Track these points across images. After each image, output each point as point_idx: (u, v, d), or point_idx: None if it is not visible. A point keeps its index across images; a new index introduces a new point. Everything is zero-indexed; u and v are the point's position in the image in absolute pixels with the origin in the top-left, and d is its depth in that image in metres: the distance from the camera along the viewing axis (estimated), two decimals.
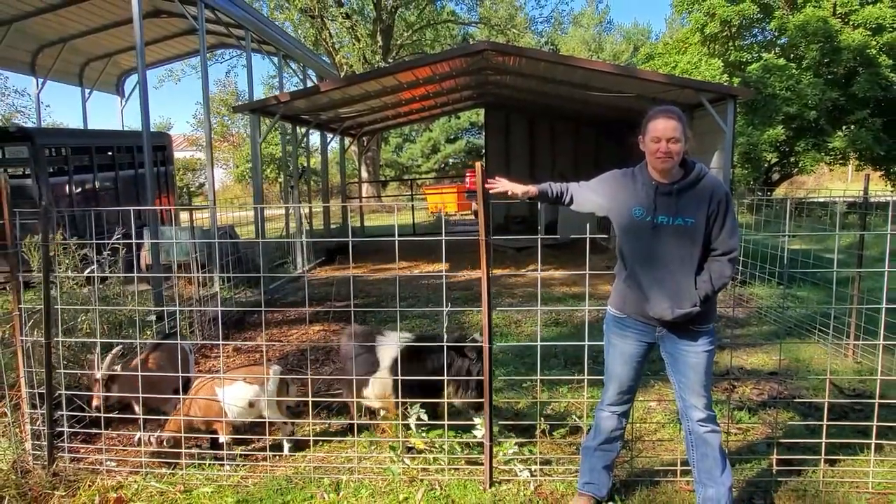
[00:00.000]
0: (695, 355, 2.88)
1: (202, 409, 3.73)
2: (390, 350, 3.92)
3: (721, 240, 2.78)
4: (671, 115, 2.76)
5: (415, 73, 9.40)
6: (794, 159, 19.13)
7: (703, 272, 2.80)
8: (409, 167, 41.30)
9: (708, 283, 2.77)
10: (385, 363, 3.91)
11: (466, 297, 8.74)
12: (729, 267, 2.79)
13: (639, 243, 2.86)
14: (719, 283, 2.79)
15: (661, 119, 2.76)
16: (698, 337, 2.87)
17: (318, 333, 7.23)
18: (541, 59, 8.87)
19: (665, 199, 2.78)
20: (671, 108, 2.80)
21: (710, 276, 2.78)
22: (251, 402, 3.82)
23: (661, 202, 2.78)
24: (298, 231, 11.14)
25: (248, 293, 9.21)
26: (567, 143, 15.68)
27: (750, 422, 4.17)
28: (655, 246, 2.80)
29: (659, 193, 2.78)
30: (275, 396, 3.86)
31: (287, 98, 8.69)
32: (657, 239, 2.80)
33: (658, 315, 2.85)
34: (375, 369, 3.93)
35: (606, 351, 3.10)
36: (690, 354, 2.88)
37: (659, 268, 2.81)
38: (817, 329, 6.07)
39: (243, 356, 6.28)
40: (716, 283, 2.78)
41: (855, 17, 17.76)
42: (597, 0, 47.29)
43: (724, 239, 2.78)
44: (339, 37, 28.09)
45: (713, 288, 2.78)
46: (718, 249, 2.79)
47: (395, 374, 3.79)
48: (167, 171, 14.35)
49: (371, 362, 3.95)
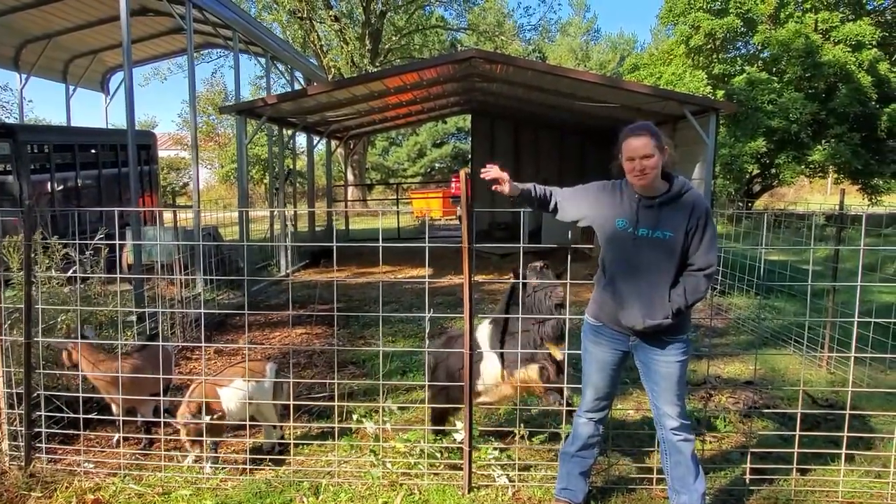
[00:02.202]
0: (666, 365, 2.94)
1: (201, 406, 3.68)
2: (483, 330, 3.84)
3: (698, 255, 2.83)
4: (641, 132, 2.81)
5: (402, 78, 9.44)
6: (774, 171, 19.46)
7: (679, 285, 2.85)
8: (396, 171, 41.32)
9: (682, 296, 2.82)
10: (485, 345, 3.79)
11: (449, 302, 8.78)
12: (704, 282, 2.84)
13: (620, 254, 2.93)
14: (693, 297, 2.84)
15: (632, 138, 2.80)
16: (670, 347, 2.93)
17: (301, 336, 7.23)
18: (528, 68, 8.97)
19: (647, 212, 2.84)
20: (641, 125, 2.86)
21: (685, 289, 2.83)
22: (251, 395, 3.79)
23: (643, 215, 2.84)
24: (282, 234, 11.11)
25: (231, 295, 9.17)
26: (552, 150, 15.81)
27: (725, 431, 4.25)
28: (634, 257, 2.87)
29: (642, 206, 2.85)
30: (271, 394, 3.86)
31: (274, 100, 8.69)
32: (637, 250, 2.86)
33: (629, 324, 2.92)
34: (479, 358, 3.77)
35: (583, 358, 3.16)
36: (662, 364, 2.94)
37: (636, 278, 2.88)
38: (793, 340, 6.19)
39: (225, 359, 6.25)
40: (689, 297, 2.83)
41: (835, 34, 18.13)
42: (584, 9, 47.77)
43: (701, 254, 2.83)
44: (327, 39, 28.08)
45: (686, 302, 2.83)
46: (695, 264, 2.84)
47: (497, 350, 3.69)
48: (151, 170, 14.23)
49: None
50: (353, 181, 26.95)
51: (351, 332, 7.47)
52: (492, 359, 3.74)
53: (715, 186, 16.02)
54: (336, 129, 14.03)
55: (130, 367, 3.90)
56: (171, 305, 6.70)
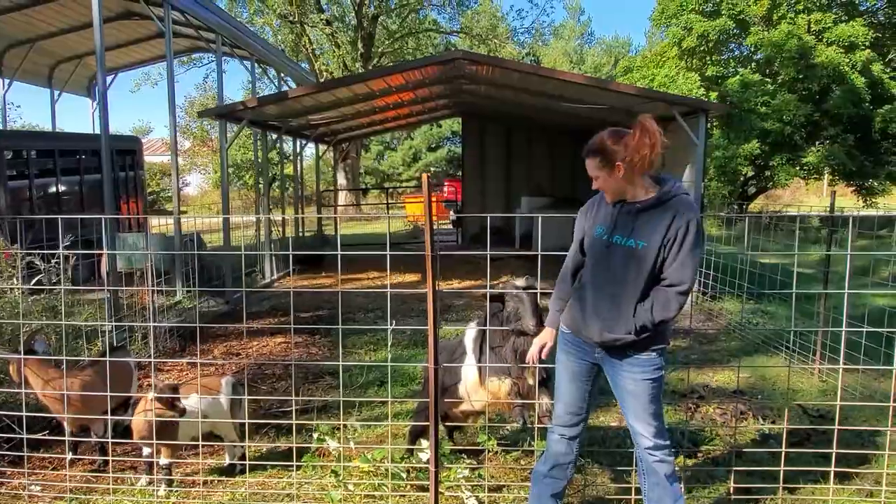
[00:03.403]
0: (633, 382, 2.71)
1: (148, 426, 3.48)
2: (470, 333, 3.60)
3: (672, 269, 2.56)
4: (587, 154, 2.69)
5: (387, 80, 9.26)
6: (769, 173, 19.31)
7: (647, 300, 2.60)
8: (391, 175, 41.14)
9: (648, 312, 2.58)
10: (470, 349, 3.54)
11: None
12: (676, 300, 2.56)
13: (593, 261, 2.75)
14: (661, 315, 2.57)
15: (585, 160, 2.71)
16: (637, 363, 2.69)
17: (280, 346, 7.02)
18: (514, 69, 8.79)
19: (625, 219, 2.64)
20: (589, 146, 2.70)
21: (653, 305, 2.58)
22: (205, 414, 3.60)
23: (620, 221, 2.65)
24: (267, 240, 10.90)
25: (212, 303, 8.95)
26: (543, 153, 15.63)
27: (710, 445, 4.05)
28: (606, 266, 2.68)
29: (621, 212, 2.66)
30: (228, 411, 3.66)
31: (255, 103, 8.50)
32: (608, 259, 2.66)
33: (586, 336, 2.74)
34: (462, 360, 3.54)
35: (556, 369, 2.97)
36: (628, 381, 2.72)
37: (602, 288, 2.68)
38: (784, 346, 6.00)
39: (193, 371, 6.04)
40: (657, 314, 2.57)
41: (828, 35, 18.00)
42: (578, 13, 47.74)
43: (675, 269, 2.55)
44: (319, 43, 27.93)
45: (652, 319, 2.57)
46: (668, 279, 2.58)
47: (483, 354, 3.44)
48: (137, 175, 14.03)
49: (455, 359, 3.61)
50: (346, 185, 26.77)
51: (332, 340, 7.26)
52: (474, 363, 3.53)
53: (707, 189, 15.82)
54: (324, 133, 13.85)
55: (80, 383, 3.69)
56: (145, 315, 6.50)
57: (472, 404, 3.54)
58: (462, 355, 3.56)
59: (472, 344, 3.56)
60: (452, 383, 3.53)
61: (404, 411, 4.77)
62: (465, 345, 3.59)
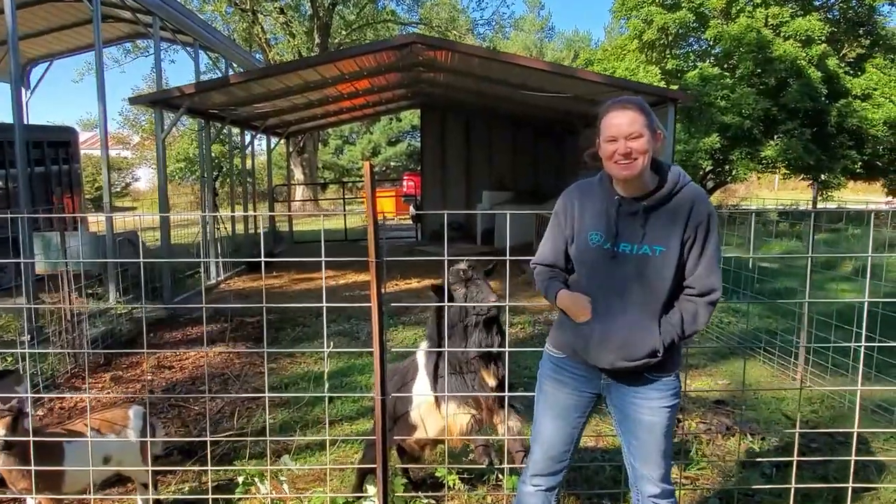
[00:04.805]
0: (649, 412, 2.20)
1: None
2: (422, 348, 3.06)
3: (697, 276, 2.12)
4: (629, 105, 2.08)
5: (338, 66, 8.63)
6: (728, 167, 19.34)
7: (673, 312, 2.15)
8: (350, 170, 40.28)
9: (678, 326, 2.12)
10: (422, 366, 3.01)
11: (394, 311, 8.03)
12: (705, 311, 2.13)
13: (594, 277, 2.18)
14: (691, 328, 2.14)
15: (615, 112, 2.07)
16: (656, 388, 2.19)
17: (219, 356, 6.37)
18: (473, 54, 8.28)
19: (630, 221, 2.12)
20: (629, 98, 2.12)
21: (682, 318, 2.13)
22: (106, 457, 3.00)
23: (624, 224, 2.12)
24: (211, 239, 10.15)
25: (149, 308, 8.20)
26: (505, 145, 15.20)
27: (699, 469, 3.62)
28: (612, 280, 2.15)
29: (622, 213, 2.12)
30: (136, 448, 3.05)
31: (192, 90, 7.76)
32: (616, 272, 2.14)
33: (597, 363, 2.21)
34: (412, 378, 3.03)
35: (537, 402, 2.40)
36: (644, 410, 2.20)
37: (616, 308, 2.15)
38: (763, 348, 5.67)
39: (122, 386, 5.36)
40: (687, 328, 2.13)
41: (785, 29, 18.09)
42: (538, 6, 47.64)
43: (700, 275, 2.11)
44: (273, 33, 26.93)
45: (682, 333, 2.13)
46: (694, 288, 2.13)
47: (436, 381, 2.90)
48: (72, 169, 13.05)
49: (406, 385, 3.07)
50: (303, 180, 25.90)
51: (279, 348, 6.64)
52: (426, 382, 2.99)
53: None
54: (275, 125, 13.10)
55: None
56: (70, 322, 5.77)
57: (428, 432, 3.01)
58: (414, 375, 3.03)
59: (425, 359, 3.00)
60: (405, 410, 2.99)
61: (356, 432, 4.22)
62: (416, 362, 3.05)
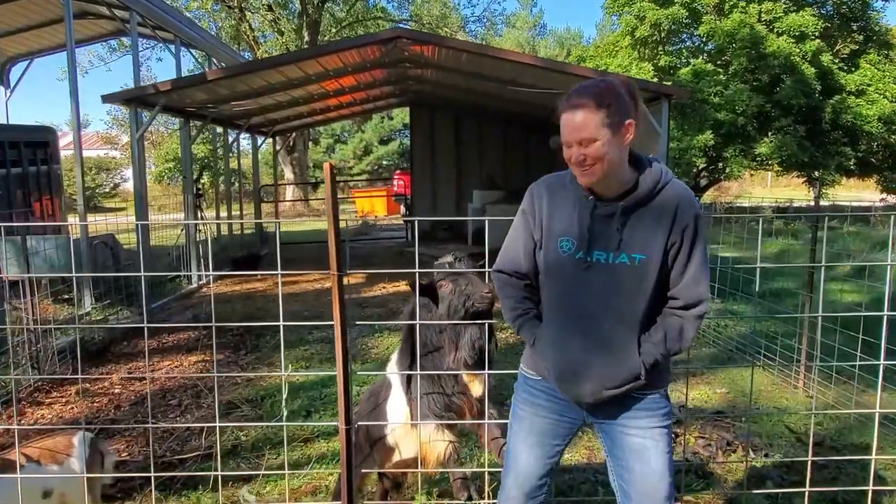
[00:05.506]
0: (640, 434, 1.94)
1: None
2: (394, 358, 2.75)
3: (684, 285, 1.85)
4: (580, 103, 1.75)
5: (322, 62, 8.33)
6: (721, 165, 19.15)
7: (656, 329, 1.89)
8: (341, 169, 39.92)
9: (660, 345, 1.87)
10: (396, 379, 2.70)
11: (380, 315, 7.76)
12: (692, 326, 1.88)
13: (563, 289, 1.91)
14: (676, 346, 1.89)
15: (566, 113, 1.77)
16: (641, 408, 1.94)
17: (196, 365, 6.07)
18: (460, 49, 7.99)
19: (604, 225, 1.83)
20: (584, 88, 1.79)
21: (665, 335, 1.87)
22: (47, 491, 2.71)
23: (598, 229, 1.84)
24: (193, 242, 9.83)
25: (126, 314, 7.89)
26: (496, 142, 14.95)
27: (701, 493, 3.35)
28: (583, 294, 1.88)
29: (597, 216, 1.84)
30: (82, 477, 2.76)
31: (168, 87, 7.45)
32: (587, 284, 1.86)
33: (574, 397, 1.95)
34: (387, 397, 2.72)
35: (510, 427, 2.13)
36: (633, 434, 1.95)
37: (588, 328, 1.88)
38: (763, 354, 5.42)
39: (88, 400, 5.06)
40: (672, 346, 1.88)
41: (779, 25, 17.90)
42: (530, 4, 47.42)
43: (687, 284, 1.85)
44: (261, 30, 26.55)
45: (666, 352, 1.89)
46: (679, 299, 1.87)
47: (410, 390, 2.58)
48: (51, 170, 12.67)
49: (381, 400, 2.76)
50: (293, 180, 25.57)
51: (259, 356, 6.36)
52: (401, 399, 2.70)
53: None
54: (260, 123, 12.78)
55: None
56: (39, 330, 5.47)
57: (404, 457, 2.73)
58: (387, 394, 2.74)
59: (398, 372, 2.69)
60: (380, 433, 2.71)
61: (330, 453, 3.93)
62: (388, 378, 2.77)
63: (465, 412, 2.56)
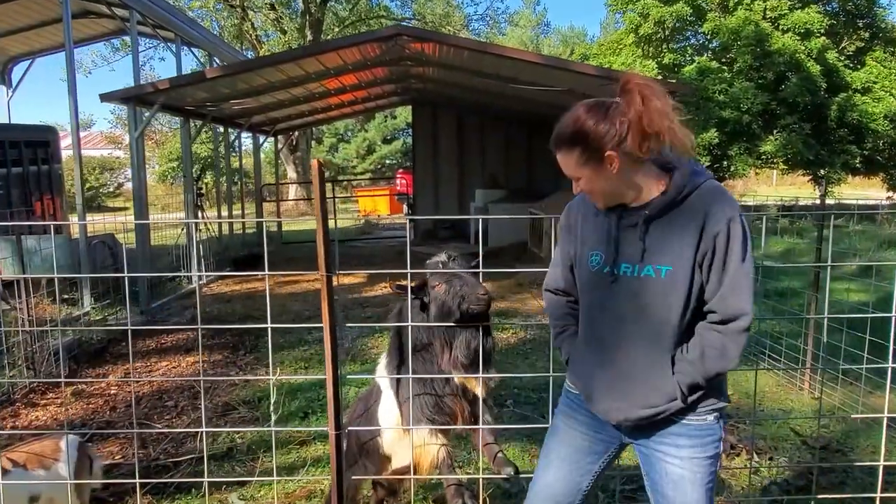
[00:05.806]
0: (679, 464, 1.77)
1: None
2: (382, 362, 2.66)
3: (720, 297, 1.67)
4: (556, 144, 1.72)
5: (321, 60, 8.27)
6: (726, 163, 19.04)
7: (693, 346, 1.72)
8: (344, 168, 39.93)
9: (698, 364, 1.69)
10: (386, 384, 2.61)
11: (381, 315, 7.69)
12: (734, 342, 1.68)
13: (591, 304, 1.84)
14: (716, 366, 1.69)
15: (556, 154, 1.74)
16: (684, 434, 1.76)
17: (193, 365, 6.02)
18: (461, 46, 7.92)
19: (630, 235, 1.73)
20: (557, 131, 1.72)
21: (703, 353, 1.69)
22: (33, 496, 2.66)
23: (625, 240, 1.74)
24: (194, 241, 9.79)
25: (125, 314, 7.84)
26: (498, 141, 14.87)
27: None
28: (612, 311, 1.77)
29: (623, 227, 1.75)
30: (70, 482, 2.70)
31: (166, 85, 7.40)
32: (613, 299, 1.75)
33: (603, 416, 1.83)
34: (377, 402, 2.64)
35: (546, 438, 2.03)
36: (670, 459, 1.78)
37: (612, 344, 1.76)
38: (767, 354, 5.33)
39: (83, 402, 5.01)
40: (710, 365, 1.68)
41: (784, 22, 17.77)
42: (534, 2, 47.31)
43: (723, 296, 1.67)
44: (263, 29, 26.54)
45: (705, 372, 1.69)
46: (717, 313, 1.69)
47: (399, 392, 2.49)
48: (52, 170, 12.65)
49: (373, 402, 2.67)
50: (296, 179, 25.55)
51: (258, 356, 6.31)
52: (392, 403, 2.61)
53: None
54: (261, 122, 12.73)
55: None
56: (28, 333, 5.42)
57: (396, 462, 2.65)
58: (378, 397, 2.66)
59: (387, 373, 2.59)
60: (371, 439, 2.64)
61: (326, 456, 3.87)
62: (377, 382, 2.69)
63: (457, 414, 2.48)
